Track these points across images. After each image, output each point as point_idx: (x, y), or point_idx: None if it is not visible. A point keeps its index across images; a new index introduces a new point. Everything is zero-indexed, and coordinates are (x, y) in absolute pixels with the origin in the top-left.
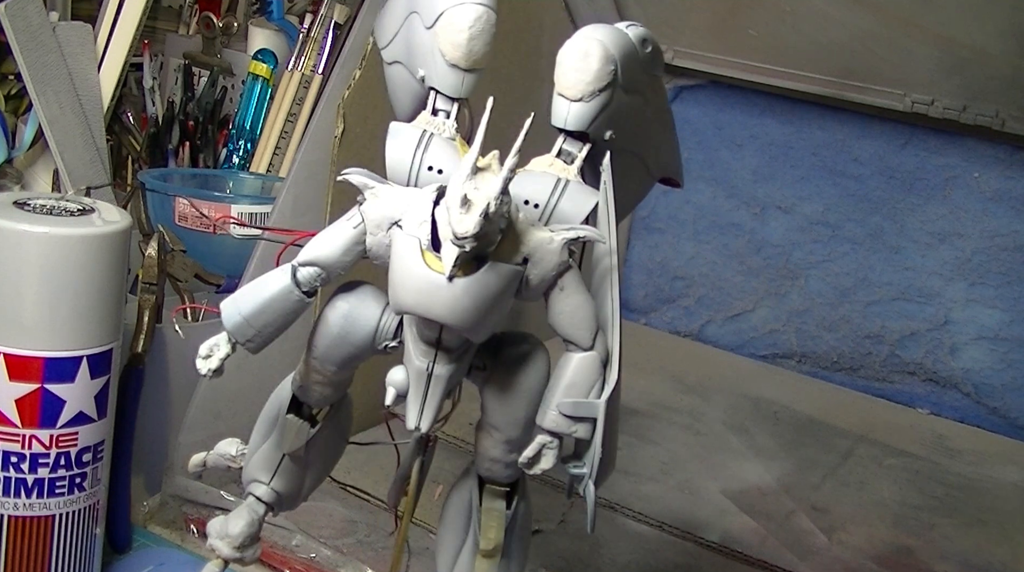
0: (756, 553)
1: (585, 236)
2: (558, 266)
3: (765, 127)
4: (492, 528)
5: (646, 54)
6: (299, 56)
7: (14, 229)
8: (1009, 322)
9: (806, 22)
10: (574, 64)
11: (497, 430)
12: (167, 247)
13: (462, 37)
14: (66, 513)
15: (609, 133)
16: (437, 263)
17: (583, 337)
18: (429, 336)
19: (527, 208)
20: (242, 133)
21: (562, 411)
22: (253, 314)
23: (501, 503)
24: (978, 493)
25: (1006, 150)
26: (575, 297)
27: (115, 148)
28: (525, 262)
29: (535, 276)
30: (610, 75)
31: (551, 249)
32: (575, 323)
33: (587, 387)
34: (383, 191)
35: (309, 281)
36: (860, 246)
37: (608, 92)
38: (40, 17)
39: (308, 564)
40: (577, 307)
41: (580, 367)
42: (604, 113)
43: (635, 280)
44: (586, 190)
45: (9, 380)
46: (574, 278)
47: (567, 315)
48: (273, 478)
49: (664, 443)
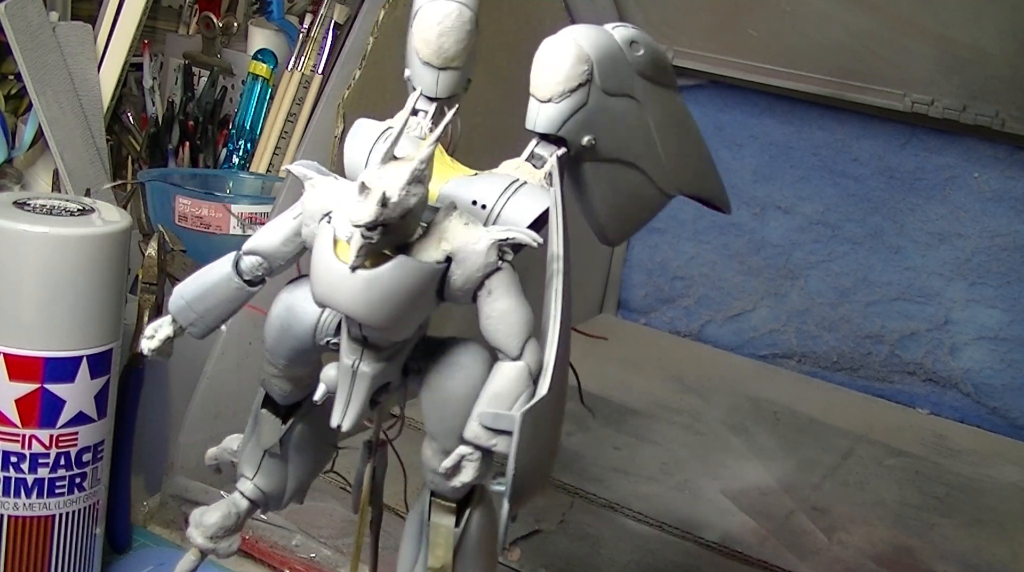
0: (756, 553)
1: (514, 238)
2: (484, 267)
3: (765, 127)
4: (439, 546)
5: (637, 57)
6: (299, 56)
7: (14, 229)
8: (1009, 322)
9: (806, 22)
10: (544, 63)
11: (434, 440)
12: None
13: (431, 33)
14: (66, 513)
15: (588, 138)
16: (347, 254)
17: (509, 345)
18: (356, 332)
19: (474, 208)
20: (242, 133)
21: (482, 422)
22: (195, 299)
23: (449, 519)
24: (978, 493)
25: (1006, 150)
26: (503, 302)
27: (115, 148)
28: (449, 261)
29: (459, 276)
30: (583, 75)
31: (476, 249)
32: (501, 330)
33: (511, 399)
34: (321, 182)
35: (251, 270)
36: (860, 246)
37: (581, 93)
38: (40, 17)
39: (308, 564)
40: (505, 313)
41: (505, 377)
42: (577, 116)
43: (635, 280)
44: (539, 194)
45: (9, 380)
46: (504, 282)
47: (494, 321)
48: (256, 474)
49: (664, 443)
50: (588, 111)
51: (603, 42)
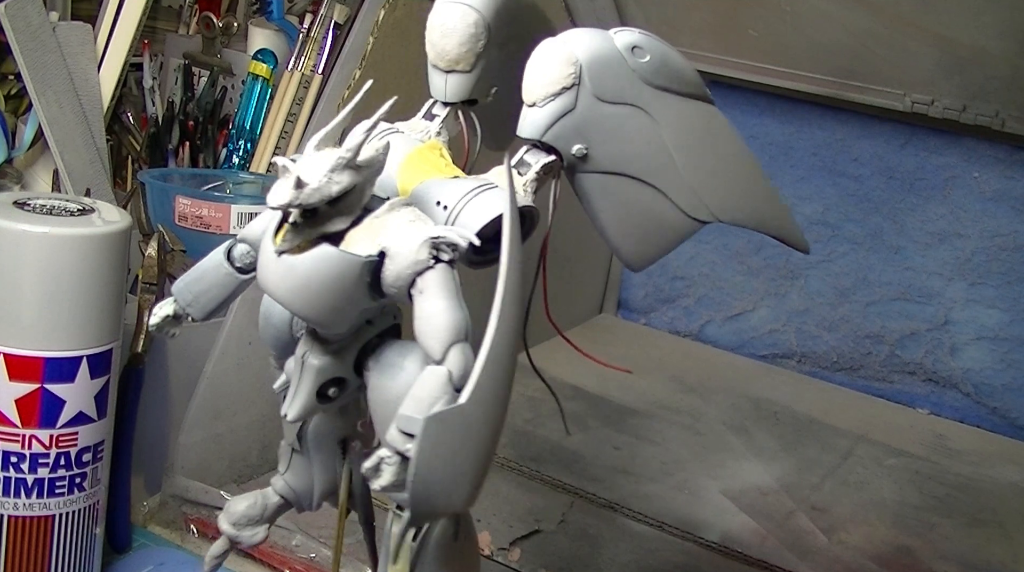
0: (756, 553)
1: (445, 237)
2: (414, 265)
3: (765, 127)
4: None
5: (641, 63)
6: (299, 56)
7: (14, 229)
8: (1009, 322)
9: (806, 22)
10: (531, 66)
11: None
12: (167, 247)
13: (435, 35)
14: (66, 513)
15: (578, 147)
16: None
17: (432, 347)
18: (305, 323)
19: (436, 209)
20: (242, 133)
21: (398, 425)
22: (192, 281)
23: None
24: (978, 493)
25: (1006, 150)
26: (431, 303)
27: (115, 148)
28: (382, 256)
29: (391, 272)
30: (569, 78)
31: (408, 246)
32: (425, 331)
33: (427, 404)
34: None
35: (241, 258)
36: (860, 246)
37: (567, 97)
38: (40, 17)
39: (308, 564)
40: (431, 314)
41: (424, 381)
42: (565, 121)
43: (635, 280)
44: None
45: (9, 380)
46: (435, 282)
47: (421, 321)
48: (287, 471)
49: (664, 443)
50: (577, 117)
51: (597, 45)
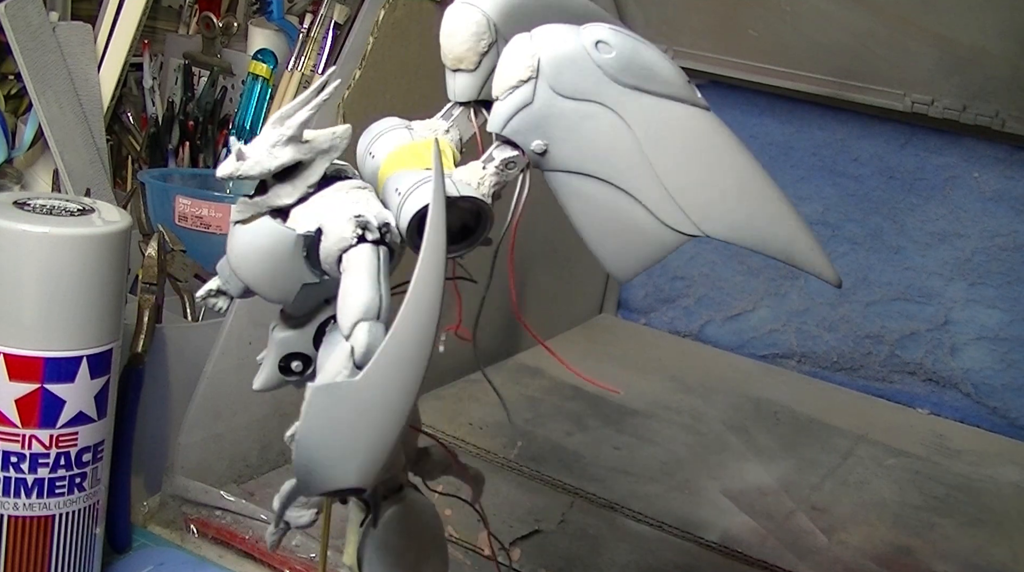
0: (756, 553)
1: (362, 217)
2: (339, 241)
3: (765, 127)
4: (350, 542)
5: (606, 59)
6: (299, 56)
7: (14, 229)
8: (1009, 322)
9: (806, 22)
10: (500, 60)
11: None
12: (167, 247)
13: (442, 35)
14: (66, 513)
15: (537, 142)
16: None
17: (342, 323)
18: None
19: (395, 196)
20: (242, 133)
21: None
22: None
23: (358, 515)
24: (978, 493)
25: (1006, 150)
26: (348, 279)
27: (115, 148)
28: (319, 233)
29: (324, 248)
30: (526, 71)
31: (336, 223)
32: (339, 307)
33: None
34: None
35: None
36: (860, 246)
37: (524, 90)
38: (40, 17)
39: (308, 564)
40: (347, 291)
41: (333, 356)
42: (522, 115)
43: (635, 280)
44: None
45: (9, 380)
46: (357, 259)
47: (339, 297)
48: None
49: (664, 443)
50: (534, 112)
51: (559, 39)
